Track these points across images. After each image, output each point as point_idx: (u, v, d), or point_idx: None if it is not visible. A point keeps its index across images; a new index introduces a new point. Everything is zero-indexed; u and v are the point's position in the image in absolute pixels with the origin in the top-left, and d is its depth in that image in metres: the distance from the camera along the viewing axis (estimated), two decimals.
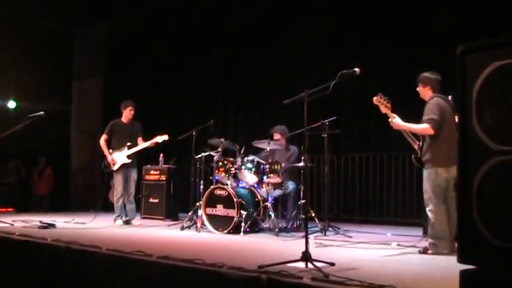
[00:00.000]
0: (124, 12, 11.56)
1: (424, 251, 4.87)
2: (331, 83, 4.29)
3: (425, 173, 4.98)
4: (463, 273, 2.66)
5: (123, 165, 7.69)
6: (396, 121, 4.97)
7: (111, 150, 7.76)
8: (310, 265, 3.89)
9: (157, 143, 7.62)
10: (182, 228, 7.08)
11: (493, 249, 2.52)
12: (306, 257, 3.95)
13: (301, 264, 3.94)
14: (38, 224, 7.01)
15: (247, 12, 9.95)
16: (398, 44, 8.01)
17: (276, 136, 7.27)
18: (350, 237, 6.23)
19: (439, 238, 4.84)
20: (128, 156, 7.66)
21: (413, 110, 5.24)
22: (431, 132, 4.85)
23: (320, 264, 3.90)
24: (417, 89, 5.18)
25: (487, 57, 2.65)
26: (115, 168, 7.70)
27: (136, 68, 11.73)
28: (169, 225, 7.74)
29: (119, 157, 7.69)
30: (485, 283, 2.58)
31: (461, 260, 2.68)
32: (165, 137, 7.59)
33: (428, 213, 4.94)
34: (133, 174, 7.82)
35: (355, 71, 4.43)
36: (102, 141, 7.83)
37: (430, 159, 4.95)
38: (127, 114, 7.88)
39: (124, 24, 12.07)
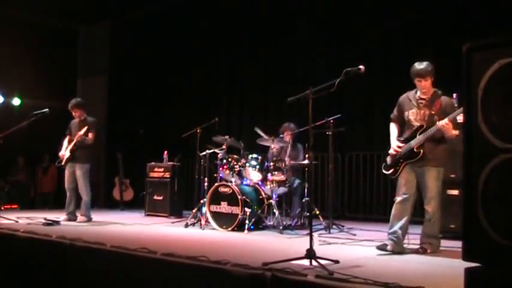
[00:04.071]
0: (128, 11, 11.56)
1: (424, 251, 4.84)
2: (335, 81, 4.28)
3: (434, 171, 4.82)
4: (468, 272, 2.66)
5: (68, 161, 7.69)
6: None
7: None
8: (314, 263, 3.90)
9: (80, 136, 7.50)
10: (186, 226, 7.08)
11: (498, 247, 2.52)
12: (311, 254, 3.96)
13: (306, 262, 3.94)
14: (43, 221, 7.03)
15: (251, 11, 9.95)
16: (403, 42, 8.00)
17: (287, 134, 7.28)
18: (354, 235, 6.22)
19: (435, 237, 4.90)
20: (70, 151, 7.66)
21: None
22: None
23: (324, 261, 3.90)
24: (424, 84, 4.79)
25: (493, 55, 2.64)
26: (63, 163, 7.73)
27: (140, 66, 11.74)
28: (173, 223, 7.75)
29: (66, 153, 7.72)
30: (490, 281, 2.58)
31: (466, 258, 2.67)
32: (84, 129, 7.49)
33: (431, 213, 4.86)
34: (77, 171, 7.71)
35: (359, 69, 4.39)
36: (65, 139, 7.88)
37: (439, 157, 4.85)
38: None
39: (128, 22, 12.07)
